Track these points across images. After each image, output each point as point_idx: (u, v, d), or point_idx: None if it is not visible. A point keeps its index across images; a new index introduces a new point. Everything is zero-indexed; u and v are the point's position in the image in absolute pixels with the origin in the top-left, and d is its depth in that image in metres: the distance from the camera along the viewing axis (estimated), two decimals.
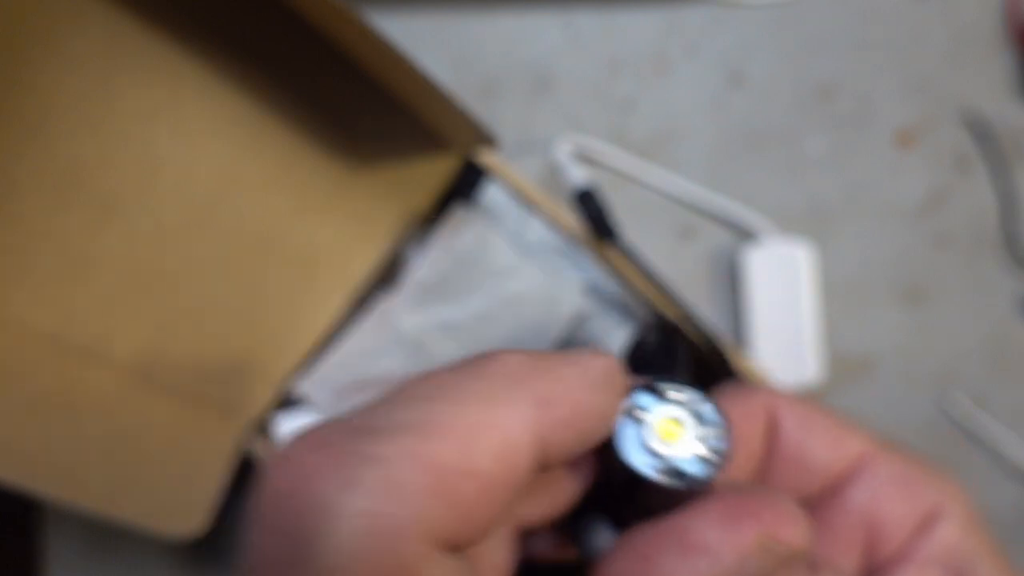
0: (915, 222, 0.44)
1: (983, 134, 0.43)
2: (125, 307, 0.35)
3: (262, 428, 0.40)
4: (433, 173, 0.39)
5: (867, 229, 0.44)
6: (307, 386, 0.38)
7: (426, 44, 0.44)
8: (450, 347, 0.37)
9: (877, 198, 0.44)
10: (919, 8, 0.43)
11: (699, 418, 0.13)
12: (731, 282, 0.43)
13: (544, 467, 0.12)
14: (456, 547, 0.11)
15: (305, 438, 0.11)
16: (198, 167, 0.34)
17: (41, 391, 0.31)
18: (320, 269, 0.38)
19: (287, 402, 0.41)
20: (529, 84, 0.44)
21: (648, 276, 0.35)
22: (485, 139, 0.32)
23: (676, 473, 0.12)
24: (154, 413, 0.35)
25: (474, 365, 0.12)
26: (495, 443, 0.11)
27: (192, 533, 0.31)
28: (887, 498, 0.16)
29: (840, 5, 0.43)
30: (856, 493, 0.16)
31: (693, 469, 0.12)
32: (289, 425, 0.38)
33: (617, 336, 0.38)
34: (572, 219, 0.37)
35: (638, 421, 0.13)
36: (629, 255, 0.35)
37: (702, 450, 0.13)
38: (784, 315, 0.40)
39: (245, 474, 0.39)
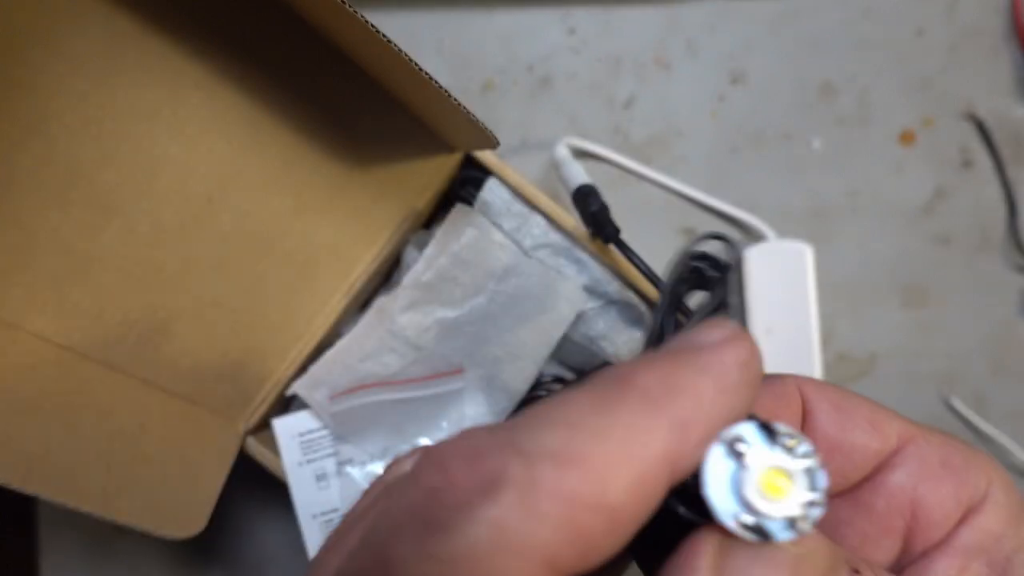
0: (916, 222, 0.44)
1: (985, 133, 0.43)
2: (124, 307, 0.35)
3: (262, 428, 0.40)
4: (433, 173, 0.39)
5: (868, 228, 0.44)
6: (304, 386, 0.38)
7: (426, 43, 0.44)
8: (448, 347, 0.37)
9: (878, 197, 0.44)
10: (921, 6, 0.43)
11: (811, 478, 0.11)
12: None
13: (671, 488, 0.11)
14: (567, 572, 0.10)
15: (458, 443, 0.11)
16: (197, 167, 0.34)
17: (39, 391, 0.31)
18: (320, 269, 0.38)
19: (286, 402, 0.41)
20: (529, 84, 0.44)
21: (648, 276, 0.35)
22: (485, 139, 0.32)
23: (760, 532, 0.10)
24: (153, 413, 0.35)
25: (613, 387, 0.11)
26: (631, 477, 0.10)
27: (191, 533, 0.31)
28: (928, 482, 0.16)
29: (841, 3, 0.43)
30: (896, 477, 0.16)
31: (783, 535, 0.10)
32: (288, 425, 0.38)
33: (617, 336, 0.38)
34: (572, 219, 0.37)
35: (738, 458, 0.11)
36: (629, 255, 0.35)
37: (800, 514, 0.11)
38: (784, 315, 0.40)
39: (244, 474, 0.39)
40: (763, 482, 0.11)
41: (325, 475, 0.37)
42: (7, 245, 0.32)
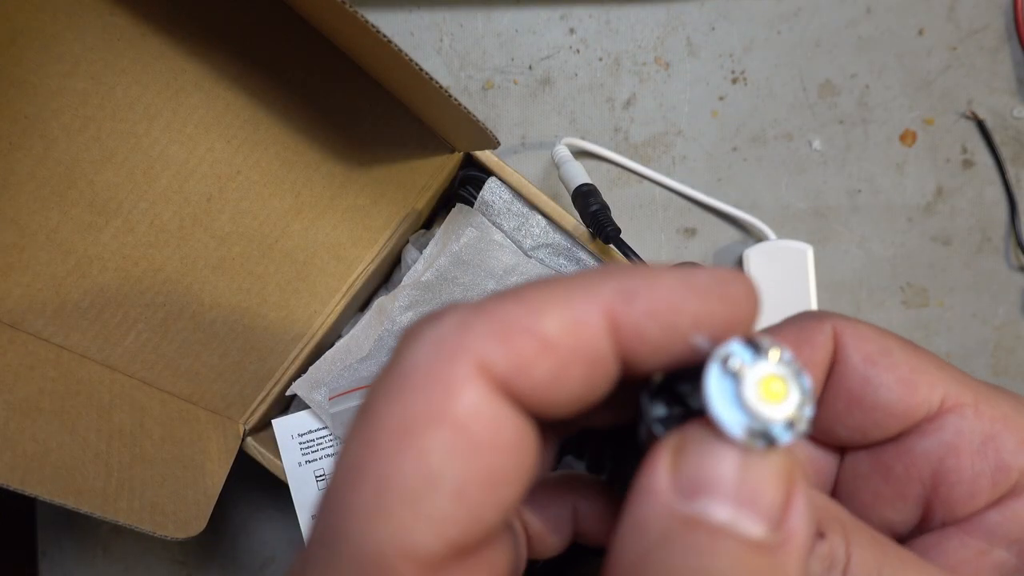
0: (916, 222, 0.44)
1: (985, 133, 0.43)
2: (124, 307, 0.35)
3: (261, 428, 0.40)
4: (433, 173, 0.39)
5: (868, 228, 0.44)
6: (304, 386, 0.38)
7: (426, 43, 0.44)
8: None
9: (878, 197, 0.43)
10: (921, 6, 0.43)
11: (800, 383, 0.11)
12: None
13: (628, 369, 0.11)
14: (516, 393, 0.11)
15: (443, 319, 0.12)
16: (197, 167, 0.34)
17: (39, 391, 0.31)
18: (320, 269, 0.38)
19: (286, 402, 0.41)
20: (529, 84, 0.44)
21: None
22: (485, 139, 0.32)
23: (764, 436, 0.11)
24: (153, 413, 0.35)
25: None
26: (567, 316, 0.11)
27: (191, 534, 0.31)
28: (959, 457, 0.14)
29: (841, 3, 0.43)
30: (923, 444, 0.15)
31: (785, 436, 0.11)
32: (288, 425, 0.38)
33: None
34: (572, 219, 0.37)
35: (733, 373, 0.11)
36: (629, 255, 0.35)
37: (797, 416, 0.11)
38: (785, 314, 0.40)
39: (244, 474, 0.39)
40: (763, 390, 0.11)
41: (325, 475, 0.37)
42: (7, 245, 0.32)
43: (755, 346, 0.11)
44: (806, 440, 0.17)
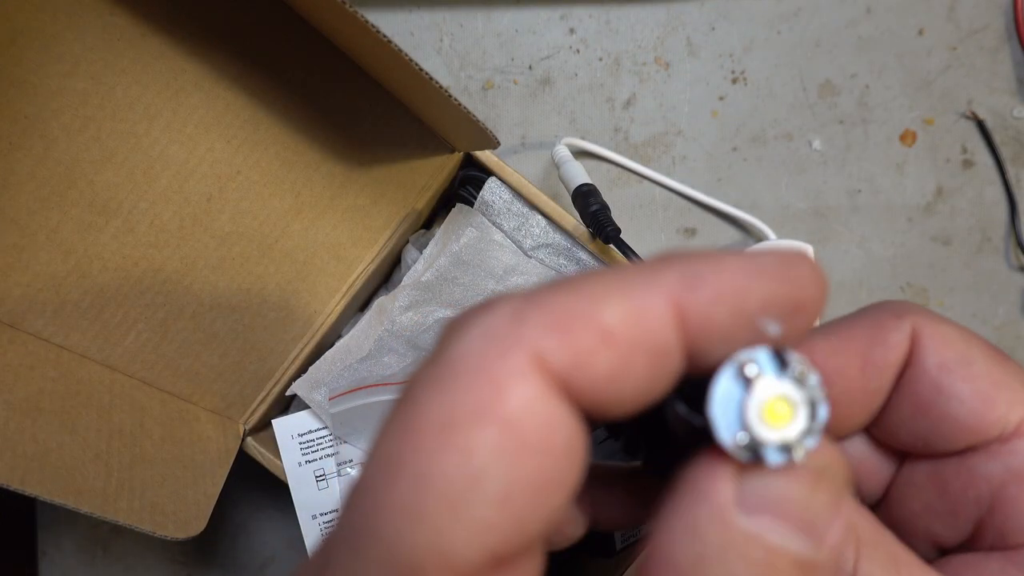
0: (916, 222, 0.44)
1: (985, 133, 0.43)
2: (124, 307, 0.35)
3: (261, 428, 0.40)
4: (433, 173, 0.39)
5: (868, 228, 0.44)
6: (304, 386, 0.38)
7: (426, 43, 0.44)
8: None
9: (878, 197, 0.43)
10: (921, 6, 0.43)
11: (813, 410, 0.11)
12: None
13: (691, 360, 0.11)
14: (573, 386, 0.10)
15: (494, 309, 0.11)
16: (197, 167, 0.34)
17: (39, 391, 0.31)
18: (320, 269, 0.38)
19: (286, 402, 0.41)
20: (529, 84, 0.44)
21: None
22: (485, 139, 0.32)
23: (753, 451, 0.11)
24: (153, 413, 0.35)
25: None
26: (629, 306, 0.10)
27: (191, 534, 0.31)
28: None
29: (841, 3, 0.43)
30: (988, 466, 0.14)
31: (774, 458, 0.11)
32: (288, 425, 0.38)
33: None
34: (572, 219, 0.37)
35: (745, 381, 0.11)
36: (629, 255, 0.35)
37: (795, 441, 0.11)
38: None
39: (244, 474, 0.39)
40: (766, 409, 0.11)
41: (325, 475, 0.37)
42: (7, 245, 0.32)
43: (782, 360, 0.11)
44: (865, 439, 0.16)
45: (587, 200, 0.36)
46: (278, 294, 0.37)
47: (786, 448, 0.11)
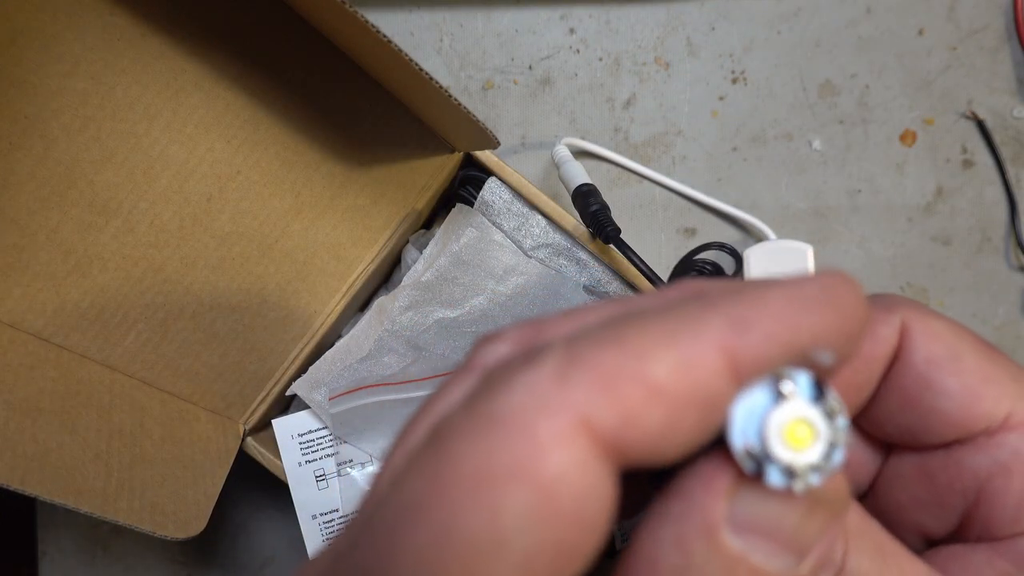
0: (916, 222, 0.44)
1: (985, 133, 0.43)
2: (124, 307, 0.35)
3: (262, 428, 0.40)
4: (433, 173, 0.39)
5: (868, 228, 0.44)
6: (304, 386, 0.38)
7: (426, 43, 0.44)
8: (448, 347, 0.37)
9: (878, 197, 0.43)
10: (921, 6, 0.43)
11: (830, 450, 0.11)
12: None
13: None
14: (621, 449, 0.10)
15: (537, 366, 0.11)
16: (197, 167, 0.34)
17: (39, 391, 0.31)
18: (320, 269, 0.38)
19: (286, 402, 0.41)
20: (529, 84, 0.44)
21: (648, 276, 0.35)
22: (485, 139, 0.32)
23: (758, 464, 0.11)
24: (153, 413, 0.35)
25: (655, 293, 0.11)
26: (677, 358, 0.10)
27: (191, 534, 0.31)
28: (1013, 478, 0.14)
29: (841, 3, 0.43)
30: (974, 459, 0.14)
31: (775, 479, 0.11)
32: (288, 425, 0.38)
33: None
34: (572, 219, 0.37)
35: (778, 396, 0.11)
36: (629, 255, 0.35)
37: (801, 470, 0.11)
38: None
39: (244, 474, 0.39)
40: (788, 426, 0.11)
41: (325, 475, 0.37)
42: (7, 245, 0.32)
43: (820, 391, 0.11)
44: (852, 430, 0.16)
45: (587, 200, 0.36)
46: (278, 294, 0.37)
47: (790, 473, 0.11)
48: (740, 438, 0.11)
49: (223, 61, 0.33)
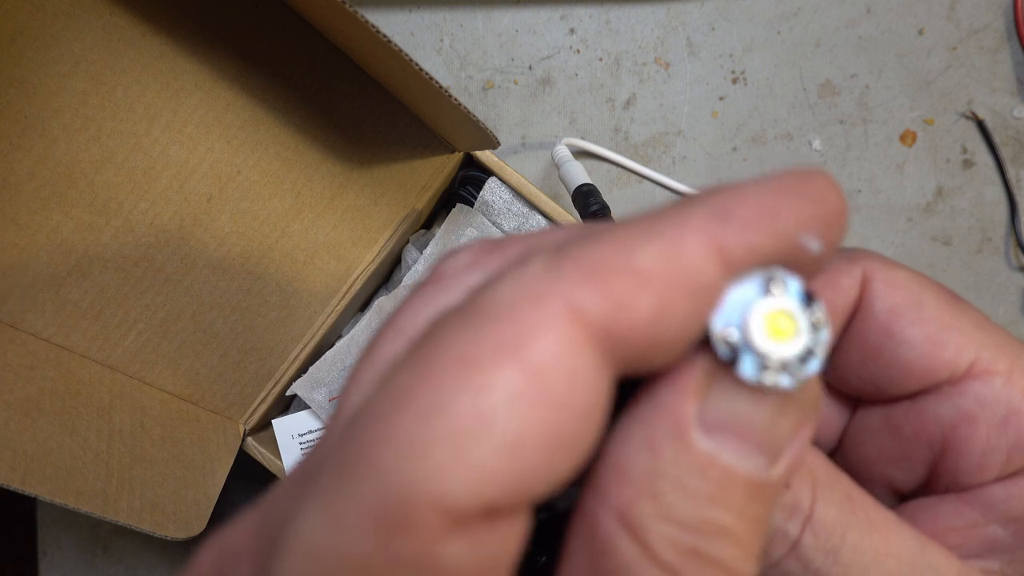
0: (916, 222, 0.44)
1: (985, 133, 0.43)
2: (124, 307, 0.35)
3: (262, 428, 0.40)
4: (433, 173, 0.39)
5: (868, 228, 0.44)
6: (304, 386, 0.38)
7: (426, 43, 0.44)
8: None
9: (878, 197, 0.43)
10: (921, 6, 0.43)
11: (806, 357, 0.11)
12: None
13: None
14: (625, 351, 0.10)
15: (525, 265, 0.11)
16: (197, 167, 0.34)
17: (39, 391, 0.31)
18: (319, 269, 0.38)
19: (286, 402, 0.41)
20: (529, 84, 0.44)
21: None
22: (486, 139, 0.32)
23: (733, 352, 0.10)
24: (153, 413, 0.35)
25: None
26: (661, 246, 0.10)
27: (191, 534, 0.31)
28: (974, 426, 0.13)
29: (842, 3, 0.43)
30: (937, 408, 0.14)
31: (748, 369, 0.10)
32: (288, 425, 0.38)
33: None
34: (572, 219, 0.37)
35: (766, 293, 0.11)
36: None
37: (774, 366, 0.10)
38: None
39: (244, 474, 0.39)
40: (772, 316, 0.11)
41: None
42: (7, 245, 0.32)
43: (809, 298, 0.11)
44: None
45: (587, 200, 0.36)
46: (278, 294, 0.37)
47: (764, 364, 0.10)
48: (721, 322, 0.11)
49: (223, 61, 0.33)
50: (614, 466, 0.11)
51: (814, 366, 0.11)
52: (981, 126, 0.43)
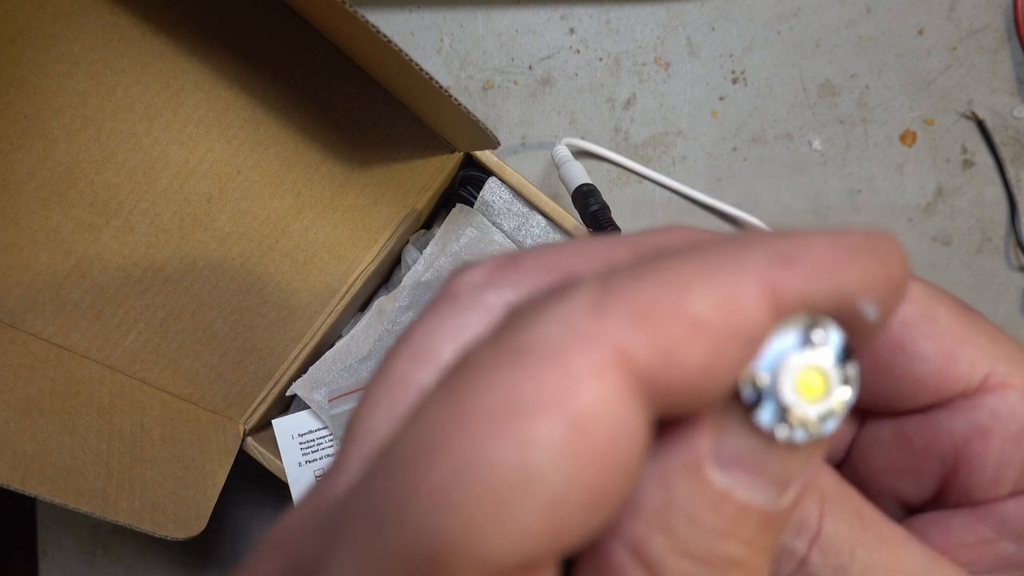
0: (916, 222, 0.44)
1: (985, 133, 0.43)
2: (124, 307, 0.35)
3: (262, 428, 0.40)
4: (433, 173, 0.39)
5: None
6: (304, 386, 0.38)
7: (426, 43, 0.44)
8: None
9: (878, 197, 0.43)
10: (921, 6, 0.43)
11: (835, 408, 0.10)
12: None
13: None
14: (659, 385, 0.09)
15: (570, 298, 0.10)
16: (197, 167, 0.34)
17: (39, 391, 0.31)
18: (320, 269, 0.38)
19: (286, 402, 0.41)
20: (529, 84, 0.44)
21: None
22: (486, 139, 0.32)
23: (757, 397, 0.10)
24: (153, 413, 0.35)
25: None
26: (717, 291, 0.09)
27: (191, 534, 0.31)
28: (989, 442, 0.13)
29: (842, 3, 0.43)
30: (954, 421, 0.13)
31: (765, 416, 0.10)
32: (288, 425, 0.38)
33: None
34: (572, 219, 0.37)
35: (805, 341, 0.10)
36: None
37: (795, 422, 0.10)
38: None
39: (244, 474, 0.39)
40: (805, 372, 0.10)
41: None
42: (7, 245, 0.32)
43: (847, 354, 0.10)
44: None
45: (587, 200, 0.36)
46: (278, 294, 0.37)
47: (782, 416, 0.10)
48: (754, 365, 0.10)
49: (223, 61, 0.33)
50: (628, 502, 0.10)
51: (830, 426, 0.10)
52: (981, 126, 0.43)
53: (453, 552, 0.09)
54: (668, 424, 0.11)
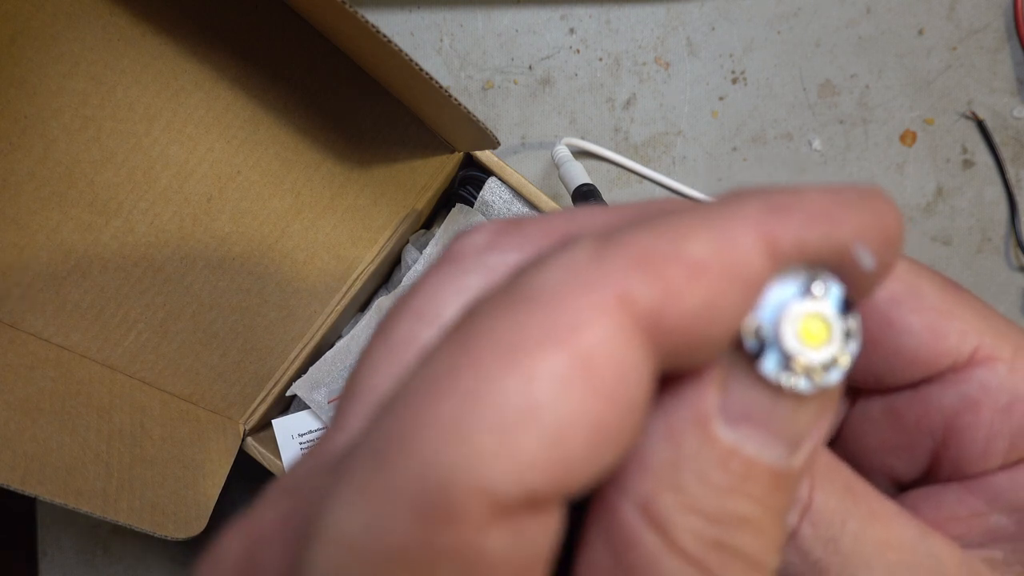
0: (917, 222, 0.44)
1: (985, 133, 0.43)
2: (124, 307, 0.35)
3: (261, 428, 0.40)
4: (433, 173, 0.39)
5: None
6: (304, 387, 0.38)
7: (426, 43, 0.44)
8: None
9: None
10: (921, 6, 0.43)
11: (830, 365, 0.10)
12: None
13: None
14: (661, 327, 0.10)
15: (571, 250, 0.11)
16: (197, 167, 0.34)
17: (39, 391, 0.31)
18: (320, 269, 0.38)
19: (286, 402, 0.41)
20: (529, 84, 0.44)
21: None
22: (485, 139, 0.32)
23: (760, 345, 0.10)
24: (153, 413, 0.35)
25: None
26: (712, 236, 0.10)
27: (191, 534, 0.31)
28: (980, 412, 0.13)
29: (841, 3, 0.43)
30: (944, 394, 0.14)
31: (769, 365, 0.10)
32: (288, 425, 0.38)
33: None
34: None
35: (805, 293, 0.10)
36: None
37: (799, 368, 0.10)
38: None
39: (244, 474, 0.39)
40: (806, 319, 0.10)
41: None
42: (7, 245, 0.32)
43: (847, 306, 0.11)
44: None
45: (587, 200, 0.36)
46: (278, 294, 0.37)
47: (786, 363, 0.10)
48: (755, 315, 0.10)
49: (223, 61, 0.33)
50: (635, 457, 0.11)
51: (835, 376, 0.11)
52: (981, 126, 0.43)
53: (459, 482, 0.09)
54: (675, 380, 0.11)
